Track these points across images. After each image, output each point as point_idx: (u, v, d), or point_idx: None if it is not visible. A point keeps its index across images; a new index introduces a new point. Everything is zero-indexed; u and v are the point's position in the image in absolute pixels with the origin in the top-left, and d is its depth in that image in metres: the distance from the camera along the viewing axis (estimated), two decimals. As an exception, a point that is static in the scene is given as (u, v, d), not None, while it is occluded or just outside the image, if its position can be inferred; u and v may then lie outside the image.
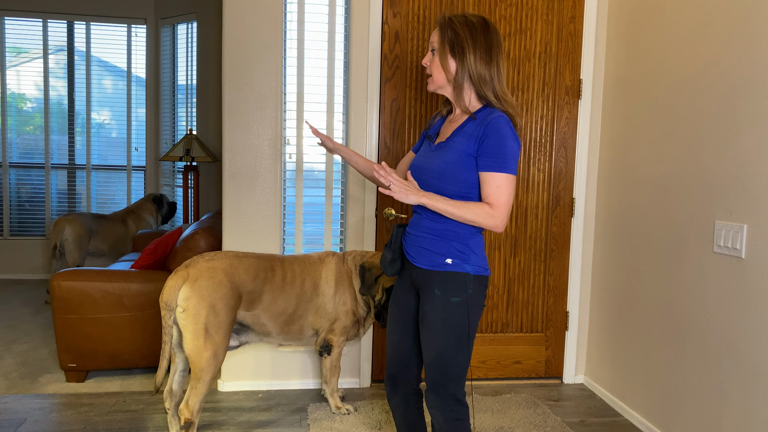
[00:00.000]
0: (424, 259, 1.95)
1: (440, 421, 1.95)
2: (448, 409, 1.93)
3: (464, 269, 1.91)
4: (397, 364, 2.10)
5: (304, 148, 3.27)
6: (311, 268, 2.88)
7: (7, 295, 5.25)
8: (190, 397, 2.48)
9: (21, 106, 5.99)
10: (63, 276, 3.25)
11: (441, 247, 1.92)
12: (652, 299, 2.89)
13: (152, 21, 6.04)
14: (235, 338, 2.78)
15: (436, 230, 1.94)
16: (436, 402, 1.94)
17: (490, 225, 1.86)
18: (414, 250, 1.99)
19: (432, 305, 1.91)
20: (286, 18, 3.18)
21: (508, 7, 3.30)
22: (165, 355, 2.46)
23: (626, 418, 3.06)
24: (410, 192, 1.84)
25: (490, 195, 1.86)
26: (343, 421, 2.90)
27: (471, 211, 1.85)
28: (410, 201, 1.83)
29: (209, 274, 2.55)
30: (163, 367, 2.46)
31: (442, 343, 1.90)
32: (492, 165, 1.86)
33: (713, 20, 2.50)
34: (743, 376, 2.31)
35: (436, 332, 1.90)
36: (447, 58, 1.93)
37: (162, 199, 5.49)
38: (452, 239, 1.92)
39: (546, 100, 3.39)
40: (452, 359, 1.91)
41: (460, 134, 1.93)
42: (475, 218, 1.84)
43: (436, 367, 1.92)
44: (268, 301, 2.73)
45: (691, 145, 2.63)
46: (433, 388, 1.94)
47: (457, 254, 1.91)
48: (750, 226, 2.28)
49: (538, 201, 3.43)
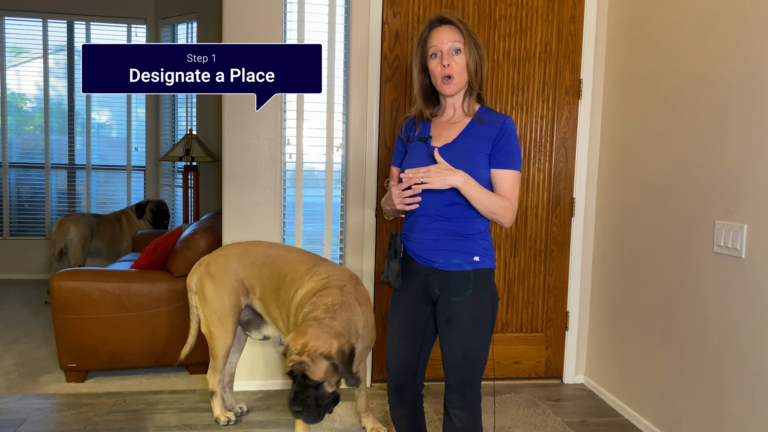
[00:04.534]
0: (451, 261, 1.92)
1: (464, 420, 1.94)
2: (471, 407, 1.94)
3: (489, 265, 1.95)
4: (404, 375, 2.06)
5: (304, 148, 3.26)
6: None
7: (7, 295, 5.25)
8: (209, 370, 2.82)
9: (21, 106, 5.99)
10: (63, 276, 3.24)
11: (468, 246, 1.93)
12: (652, 299, 2.89)
13: (152, 21, 6.04)
14: (257, 332, 2.90)
15: (458, 230, 1.93)
16: (461, 402, 1.93)
17: (507, 219, 1.91)
18: (433, 254, 1.94)
19: (463, 305, 1.91)
20: (286, 18, 3.18)
21: (508, 7, 3.30)
22: (192, 331, 2.88)
23: (626, 418, 3.06)
24: (447, 173, 1.82)
25: (507, 190, 1.92)
26: (343, 421, 2.90)
27: (498, 203, 1.89)
28: (449, 182, 1.82)
29: (219, 260, 2.77)
30: (189, 343, 2.90)
31: (472, 341, 1.91)
32: (507, 162, 1.92)
33: (713, 20, 2.50)
34: (743, 376, 2.30)
35: (467, 332, 1.90)
36: (473, 58, 1.93)
37: (146, 206, 5.43)
38: (477, 237, 1.94)
39: (546, 100, 3.39)
40: (478, 356, 1.93)
41: (469, 135, 1.94)
42: (499, 210, 1.89)
43: (463, 367, 1.92)
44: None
45: (691, 145, 2.63)
46: (459, 388, 1.93)
47: (483, 251, 1.94)
48: (750, 226, 2.28)
49: (538, 201, 3.43)
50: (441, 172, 1.82)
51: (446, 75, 1.92)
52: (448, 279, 1.93)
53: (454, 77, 1.92)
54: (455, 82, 1.93)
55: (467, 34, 1.93)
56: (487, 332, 1.93)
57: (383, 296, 3.35)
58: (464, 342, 1.91)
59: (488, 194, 1.88)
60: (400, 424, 2.13)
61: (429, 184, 1.81)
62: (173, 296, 3.31)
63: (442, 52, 1.92)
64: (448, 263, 1.92)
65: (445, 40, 1.91)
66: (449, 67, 1.91)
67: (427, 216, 1.95)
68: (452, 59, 1.91)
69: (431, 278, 1.96)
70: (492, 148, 1.92)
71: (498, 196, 1.90)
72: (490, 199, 1.87)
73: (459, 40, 1.91)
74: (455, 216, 1.92)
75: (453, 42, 1.91)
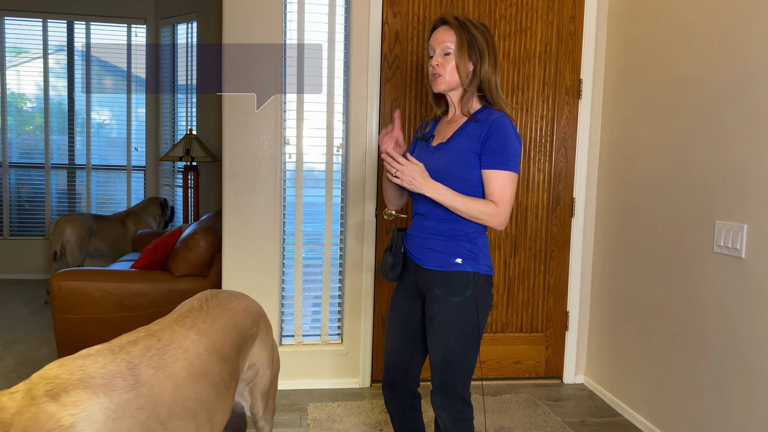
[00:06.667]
0: (432, 261, 1.93)
1: (446, 422, 1.94)
2: (455, 410, 1.92)
3: (474, 268, 1.91)
4: (396, 369, 2.08)
5: (304, 148, 3.27)
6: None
7: (7, 295, 5.25)
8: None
9: (21, 106, 5.99)
10: (63, 276, 3.25)
11: (450, 247, 1.91)
12: (652, 299, 2.89)
13: (152, 21, 6.04)
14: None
15: (445, 231, 1.93)
16: (443, 403, 1.93)
17: (494, 223, 1.86)
18: (420, 252, 1.97)
19: (442, 306, 1.90)
20: (286, 18, 3.18)
21: (508, 7, 3.30)
22: None
23: (626, 418, 3.06)
24: (419, 180, 1.82)
25: (494, 192, 1.87)
26: (343, 421, 2.90)
27: (477, 208, 1.84)
28: (418, 189, 1.82)
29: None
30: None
31: (451, 343, 1.89)
32: (496, 163, 1.86)
33: (713, 20, 2.50)
34: (743, 376, 2.30)
35: (446, 333, 1.89)
36: (465, 61, 1.93)
37: (167, 203, 5.51)
38: (462, 239, 1.92)
39: (546, 100, 3.39)
40: (461, 360, 1.90)
41: (462, 134, 1.93)
42: (480, 215, 1.84)
43: (444, 368, 1.91)
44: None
45: (691, 145, 2.63)
46: (441, 389, 1.93)
47: (467, 254, 1.91)
48: (750, 226, 2.28)
49: (538, 201, 3.43)
50: (414, 176, 1.81)
51: (434, 74, 1.96)
52: (431, 278, 1.94)
53: (444, 76, 1.94)
54: (443, 80, 1.95)
55: (464, 34, 1.92)
56: (470, 337, 1.90)
57: (383, 297, 3.35)
58: (443, 343, 1.89)
59: (465, 201, 1.84)
60: (394, 418, 2.16)
61: (399, 179, 1.82)
62: (173, 296, 3.31)
63: (435, 53, 1.95)
64: (431, 262, 1.93)
65: (439, 41, 1.94)
66: (438, 67, 1.94)
67: (422, 215, 1.98)
68: (442, 60, 1.94)
69: (418, 275, 1.99)
70: (481, 147, 1.89)
71: (478, 201, 1.85)
72: (467, 205, 1.84)
73: (451, 41, 1.92)
74: (445, 217, 1.92)
75: (445, 43, 1.93)
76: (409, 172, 1.81)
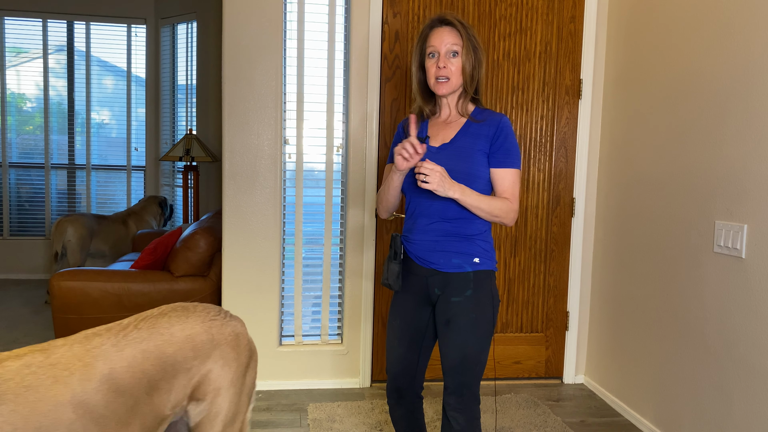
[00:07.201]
0: (450, 262, 1.91)
1: (461, 423, 1.93)
2: (469, 410, 1.93)
3: (490, 266, 1.94)
4: (404, 377, 2.05)
5: (304, 148, 3.27)
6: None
7: (7, 295, 5.25)
8: None
9: (21, 106, 5.99)
10: (63, 276, 3.24)
11: (468, 247, 1.92)
12: (652, 299, 2.89)
13: (152, 21, 6.04)
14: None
15: (459, 231, 1.92)
16: (459, 405, 1.92)
17: (510, 219, 1.91)
18: (433, 255, 1.93)
19: (463, 307, 1.89)
20: (286, 18, 3.18)
21: (508, 7, 3.30)
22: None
23: (626, 418, 3.06)
24: (449, 183, 1.79)
25: (508, 189, 1.92)
26: (343, 421, 2.90)
27: (498, 206, 1.88)
28: (448, 193, 1.79)
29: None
30: None
31: (471, 343, 1.89)
32: (506, 161, 1.92)
33: (713, 20, 2.50)
34: (743, 376, 2.30)
35: (466, 333, 1.89)
36: (471, 62, 1.93)
37: (166, 201, 5.51)
38: (477, 238, 1.93)
39: (546, 100, 3.39)
40: (477, 358, 1.91)
41: (467, 134, 1.94)
42: (500, 212, 1.88)
43: (462, 369, 1.90)
44: None
45: (691, 144, 2.63)
46: (457, 390, 1.92)
47: (483, 252, 1.93)
48: (750, 226, 2.28)
49: (538, 201, 3.43)
50: (444, 180, 1.78)
51: (442, 76, 1.92)
52: (448, 280, 1.92)
53: (451, 79, 1.92)
54: (450, 83, 1.93)
55: (467, 37, 1.92)
56: (487, 335, 1.92)
57: (383, 296, 3.35)
58: (463, 344, 1.89)
59: (488, 200, 1.86)
60: (399, 425, 2.14)
61: (429, 183, 1.77)
62: (173, 296, 3.31)
63: (440, 54, 1.92)
64: (448, 264, 1.92)
65: (444, 42, 1.91)
66: (445, 69, 1.91)
67: (426, 217, 1.95)
68: (449, 61, 1.91)
69: (431, 279, 1.95)
70: (490, 147, 1.92)
71: (498, 199, 1.89)
72: (490, 204, 1.86)
73: (458, 42, 1.91)
74: (455, 217, 1.92)
75: (451, 44, 1.91)
76: (438, 176, 1.78)
